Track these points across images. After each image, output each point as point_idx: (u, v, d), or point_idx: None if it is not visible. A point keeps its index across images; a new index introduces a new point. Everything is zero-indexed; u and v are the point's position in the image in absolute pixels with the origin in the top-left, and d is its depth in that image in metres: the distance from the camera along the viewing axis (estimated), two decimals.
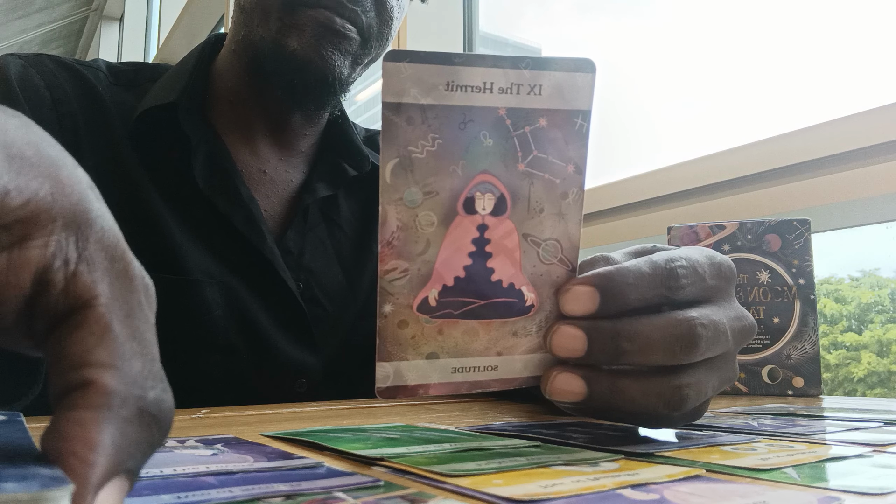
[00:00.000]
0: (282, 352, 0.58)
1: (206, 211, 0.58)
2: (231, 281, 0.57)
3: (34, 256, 0.15)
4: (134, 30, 4.45)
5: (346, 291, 0.64)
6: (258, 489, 0.20)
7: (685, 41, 1.27)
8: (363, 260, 0.66)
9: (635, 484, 0.21)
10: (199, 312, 0.55)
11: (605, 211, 1.12)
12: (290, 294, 0.59)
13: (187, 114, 0.58)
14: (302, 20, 0.56)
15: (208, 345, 0.55)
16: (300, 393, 0.58)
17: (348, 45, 0.58)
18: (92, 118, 0.57)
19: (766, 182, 0.89)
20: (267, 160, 0.64)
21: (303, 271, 0.61)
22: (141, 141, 0.58)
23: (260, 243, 0.58)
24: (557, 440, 0.30)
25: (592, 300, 0.27)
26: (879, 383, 0.96)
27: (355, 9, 0.57)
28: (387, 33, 0.62)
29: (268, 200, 0.63)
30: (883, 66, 0.91)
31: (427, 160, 0.26)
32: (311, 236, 0.63)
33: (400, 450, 0.27)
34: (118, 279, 0.16)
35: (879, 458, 0.27)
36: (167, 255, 0.55)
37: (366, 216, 0.68)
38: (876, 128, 0.78)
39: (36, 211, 0.15)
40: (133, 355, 0.16)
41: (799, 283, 0.60)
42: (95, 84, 0.59)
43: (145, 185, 0.57)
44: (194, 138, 0.58)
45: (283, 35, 0.57)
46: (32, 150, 0.16)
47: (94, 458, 0.14)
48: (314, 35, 0.56)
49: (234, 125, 0.63)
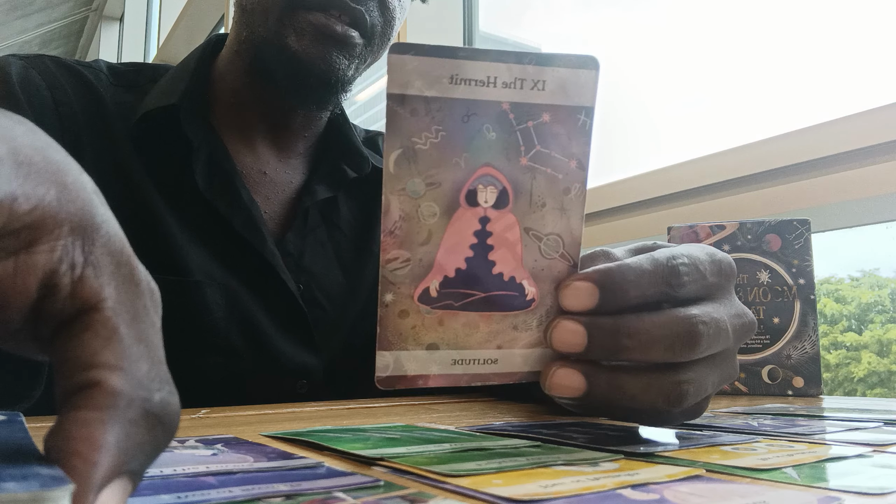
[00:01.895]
0: (282, 353, 0.58)
1: (207, 213, 0.58)
2: (232, 283, 0.57)
3: (41, 261, 0.16)
4: (134, 30, 4.45)
5: (346, 293, 0.64)
6: (258, 489, 0.20)
7: (686, 40, 1.27)
8: (363, 262, 0.66)
9: (635, 484, 0.21)
10: (201, 314, 0.55)
11: (605, 211, 1.12)
12: (291, 296, 0.59)
13: (188, 115, 0.58)
14: (302, 24, 0.56)
15: (209, 346, 0.55)
16: (300, 394, 0.58)
17: (351, 49, 0.58)
18: (93, 119, 0.57)
19: (766, 182, 0.89)
20: (267, 162, 0.64)
21: (303, 273, 0.61)
22: (142, 142, 0.58)
23: (261, 245, 0.58)
24: (557, 440, 0.30)
25: (592, 296, 0.27)
26: (879, 383, 0.96)
27: (360, 8, 0.57)
28: (389, 33, 0.62)
29: (268, 202, 0.63)
30: (883, 66, 0.91)
31: (430, 152, 0.26)
32: (311, 238, 0.63)
33: (400, 450, 0.27)
34: (124, 283, 0.16)
35: (879, 458, 0.27)
36: (168, 256, 0.55)
37: (365, 218, 0.68)
38: (876, 128, 0.78)
39: (43, 216, 0.16)
40: (139, 357, 0.16)
41: (799, 283, 0.60)
42: (96, 85, 0.59)
43: (146, 186, 0.57)
44: (195, 140, 0.58)
45: (283, 36, 0.57)
46: (39, 156, 0.16)
47: (97, 457, 0.14)
48: (314, 39, 0.56)
49: (234, 127, 0.63)
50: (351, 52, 0.58)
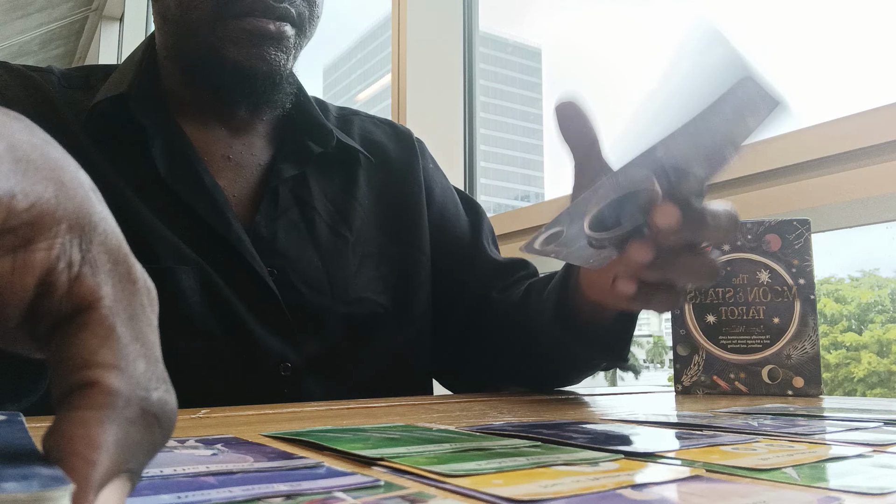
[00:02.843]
0: (260, 337, 0.57)
1: (174, 200, 0.58)
2: (205, 267, 0.57)
3: (39, 259, 0.15)
4: (134, 30, 4.45)
5: (323, 276, 0.63)
6: (258, 489, 0.20)
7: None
8: (339, 246, 0.65)
9: (635, 484, 0.21)
10: (177, 299, 0.55)
11: None
12: (262, 281, 0.58)
13: (139, 103, 0.59)
14: (235, 32, 0.57)
15: (188, 331, 0.55)
16: (285, 377, 0.58)
17: (287, 43, 0.59)
18: (46, 118, 0.57)
19: (766, 182, 0.89)
20: (229, 145, 0.64)
21: (276, 257, 0.60)
22: (99, 135, 0.58)
23: (226, 230, 0.58)
24: (557, 440, 0.30)
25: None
26: (879, 383, 0.96)
27: (284, 6, 0.58)
28: (317, 12, 0.62)
29: (235, 186, 0.62)
30: (883, 66, 0.91)
31: None
32: (283, 220, 0.62)
33: (400, 450, 0.27)
34: (121, 282, 0.16)
35: (879, 458, 0.27)
36: (140, 243, 0.55)
37: (336, 196, 0.67)
38: (876, 128, 0.78)
39: (41, 214, 0.15)
40: (137, 356, 0.16)
41: (799, 283, 0.60)
42: (47, 87, 0.60)
43: (110, 177, 0.57)
44: (150, 127, 0.59)
45: (219, 48, 0.57)
46: (37, 153, 0.16)
47: (96, 457, 0.14)
48: (251, 44, 0.57)
49: (191, 113, 0.63)
50: (287, 45, 0.59)
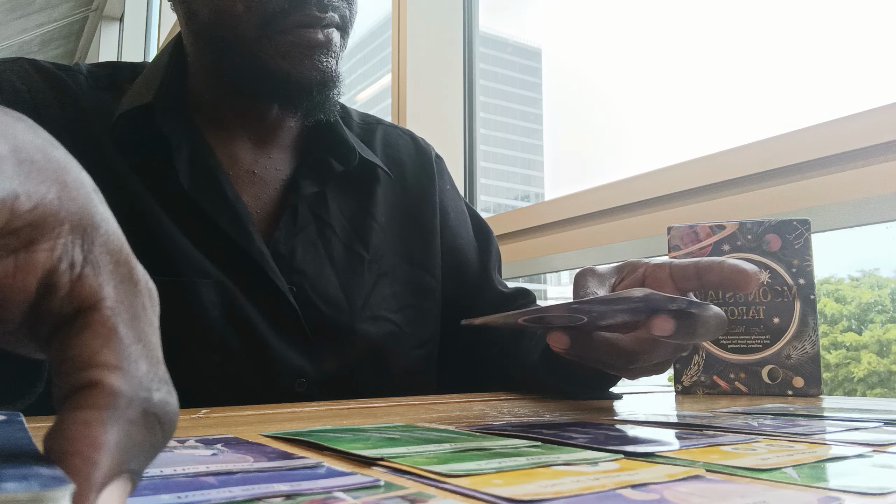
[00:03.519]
0: (279, 353, 0.57)
1: (197, 212, 0.58)
2: (227, 281, 0.57)
3: (41, 259, 0.16)
4: (134, 30, 4.44)
5: (340, 294, 0.63)
6: (258, 489, 0.20)
7: (686, 40, 1.27)
8: (354, 265, 0.65)
9: (635, 484, 0.21)
10: (197, 313, 0.55)
11: (606, 211, 1.12)
12: (283, 296, 0.58)
13: (165, 114, 0.58)
14: (284, 47, 0.56)
15: (206, 345, 0.55)
16: (300, 393, 0.58)
17: (334, 48, 0.58)
18: (73, 121, 0.57)
19: (766, 182, 0.89)
20: (254, 158, 0.63)
21: (295, 274, 0.60)
22: (123, 143, 0.58)
23: (247, 244, 0.58)
24: (557, 440, 0.30)
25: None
26: (879, 383, 0.96)
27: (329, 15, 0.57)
28: (355, 9, 0.62)
29: (257, 200, 0.62)
30: (883, 66, 0.91)
31: None
32: (301, 237, 0.62)
33: (400, 450, 0.27)
34: (123, 283, 0.16)
35: (879, 458, 0.27)
36: (161, 256, 0.55)
37: (353, 215, 0.67)
38: (876, 128, 0.78)
39: (44, 215, 0.16)
40: (138, 357, 0.16)
41: (799, 283, 0.60)
42: (74, 88, 0.59)
43: (134, 186, 0.56)
44: (175, 139, 0.58)
45: (265, 62, 0.57)
46: (40, 154, 0.16)
47: (97, 457, 0.14)
48: (302, 55, 0.57)
49: (216, 123, 0.63)
50: (335, 50, 0.59)
